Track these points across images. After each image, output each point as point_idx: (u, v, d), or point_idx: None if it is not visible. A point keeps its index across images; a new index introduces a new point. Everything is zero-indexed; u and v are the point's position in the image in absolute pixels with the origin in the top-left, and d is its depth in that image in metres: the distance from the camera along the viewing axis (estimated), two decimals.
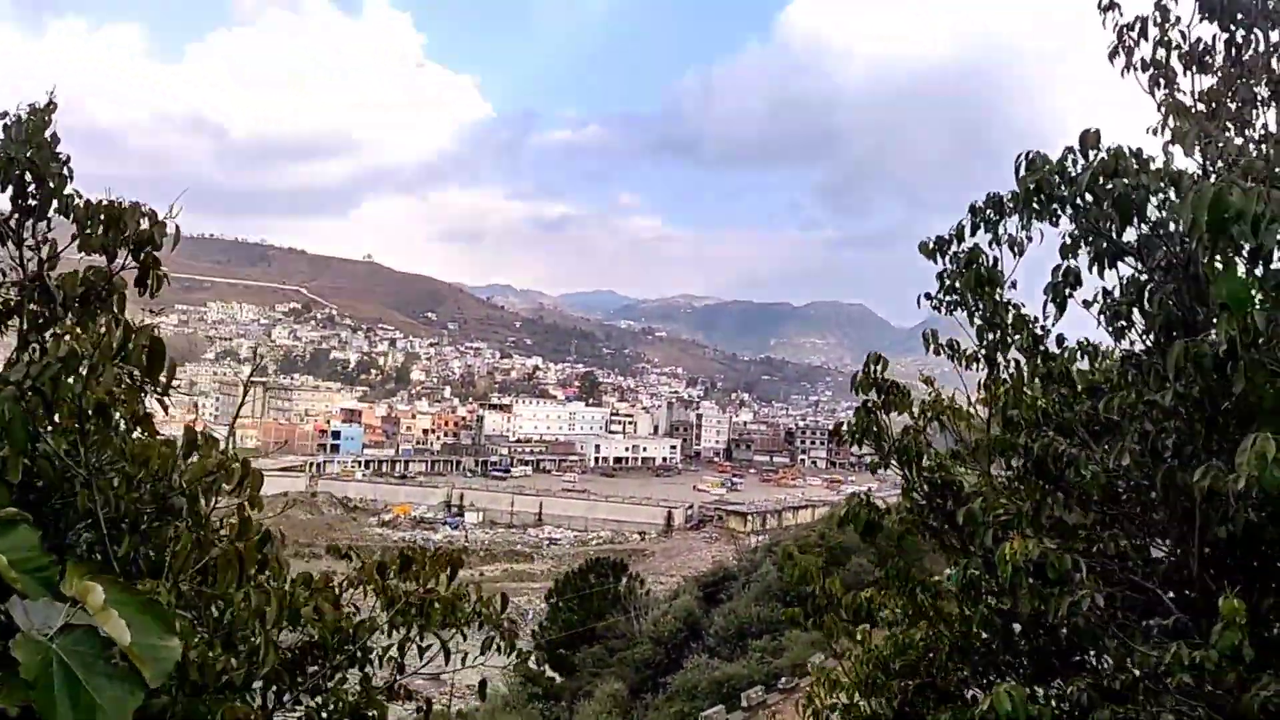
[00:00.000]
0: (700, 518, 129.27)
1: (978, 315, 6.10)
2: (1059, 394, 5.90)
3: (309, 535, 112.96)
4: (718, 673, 28.70)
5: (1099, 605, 4.84)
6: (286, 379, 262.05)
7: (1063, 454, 5.41)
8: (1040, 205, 5.62)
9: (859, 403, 6.46)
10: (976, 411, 6.71)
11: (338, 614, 4.79)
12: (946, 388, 7.17)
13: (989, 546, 5.19)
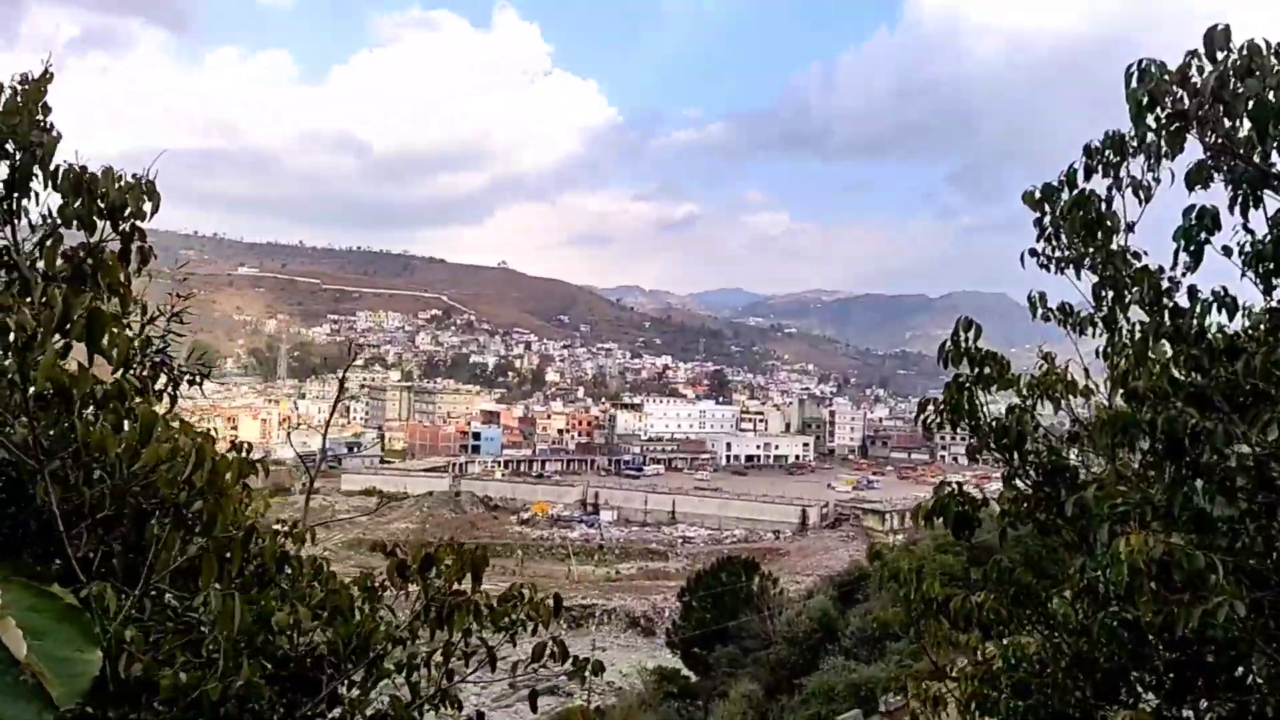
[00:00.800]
0: (836, 516, 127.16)
1: (1090, 268, 5.24)
2: (1190, 357, 4.83)
3: (454, 533, 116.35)
4: (854, 675, 28.13)
5: (1238, 614, 3.92)
6: (430, 383, 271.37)
7: (1197, 430, 4.47)
8: (1157, 126, 4.67)
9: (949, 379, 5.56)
10: (1096, 385, 5.71)
11: (354, 617, 4.32)
12: (1063, 359, 6.10)
13: (1105, 543, 4.36)
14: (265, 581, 4.12)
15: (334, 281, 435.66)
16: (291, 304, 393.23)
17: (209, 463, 3.39)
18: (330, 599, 4.21)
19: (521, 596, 4.64)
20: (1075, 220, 5.09)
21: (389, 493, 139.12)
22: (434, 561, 4.46)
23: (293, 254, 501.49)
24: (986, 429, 5.36)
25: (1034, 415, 5.46)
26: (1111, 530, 4.40)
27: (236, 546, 3.54)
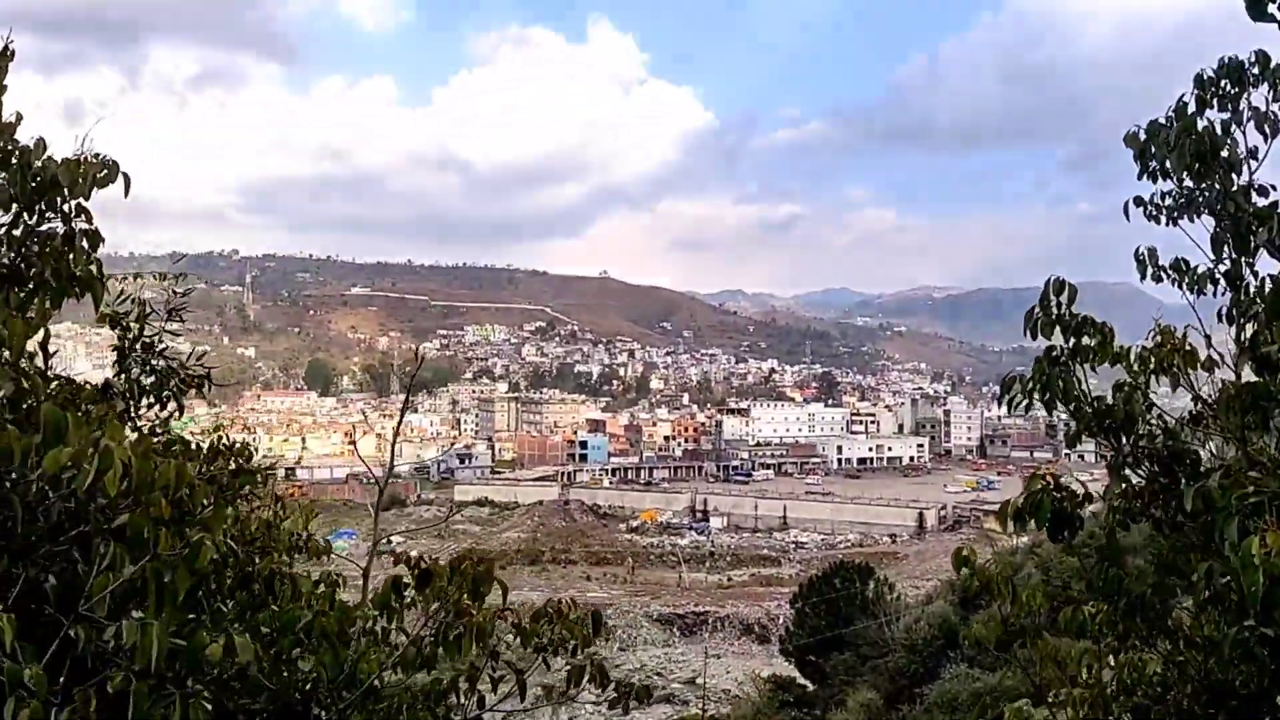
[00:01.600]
0: (955, 518, 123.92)
1: (1209, 211, 4.41)
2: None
3: (565, 542, 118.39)
4: (978, 684, 27.14)
5: None
6: (536, 394, 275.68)
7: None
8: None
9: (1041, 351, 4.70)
10: (1220, 355, 4.76)
11: (343, 643, 3.83)
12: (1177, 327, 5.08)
13: (1235, 542, 3.62)
14: (259, 604, 3.76)
15: (441, 298, 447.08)
16: (402, 321, 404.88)
17: (118, 467, 2.89)
18: (316, 623, 3.69)
19: (557, 613, 4.20)
20: (1184, 151, 4.30)
21: (500, 502, 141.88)
22: (433, 577, 3.96)
23: (401, 272, 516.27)
24: (1089, 410, 4.53)
25: (1146, 394, 4.65)
26: (1242, 527, 3.69)
27: (182, 568, 3.03)
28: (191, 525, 3.19)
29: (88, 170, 3.61)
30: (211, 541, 3.11)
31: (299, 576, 3.89)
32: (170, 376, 5.08)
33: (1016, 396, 4.70)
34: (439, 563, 3.99)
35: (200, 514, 3.23)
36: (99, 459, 2.86)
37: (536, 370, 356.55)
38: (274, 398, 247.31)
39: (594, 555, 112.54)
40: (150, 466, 3.00)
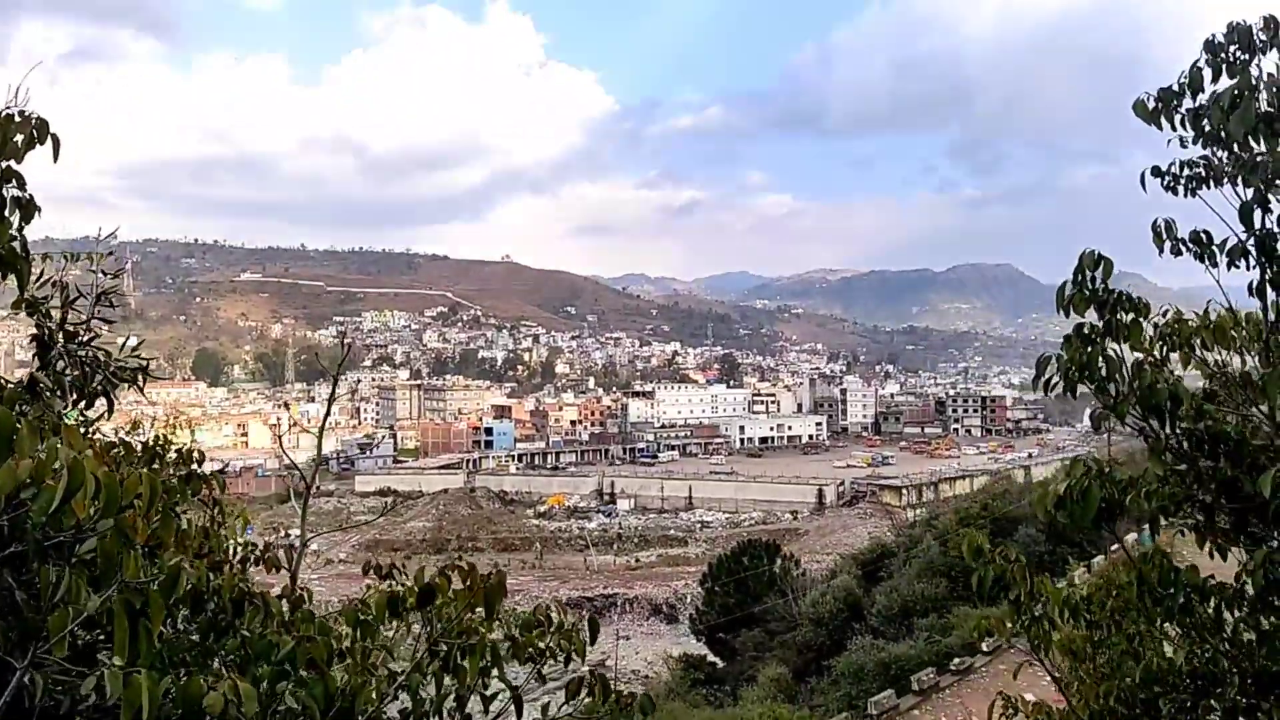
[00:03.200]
0: (853, 494, 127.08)
1: (1244, 181, 4.04)
2: None
3: (471, 529, 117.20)
4: (883, 654, 27.94)
5: None
6: (439, 380, 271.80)
7: None
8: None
9: (1070, 328, 4.37)
10: (1245, 331, 4.42)
11: (334, 671, 3.37)
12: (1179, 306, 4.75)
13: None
14: (222, 630, 3.28)
15: (338, 283, 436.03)
16: (296, 308, 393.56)
17: (90, 483, 2.46)
18: (303, 650, 3.22)
19: (549, 621, 3.82)
20: (1249, 114, 3.89)
21: (404, 491, 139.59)
22: (437, 592, 3.58)
23: (295, 258, 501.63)
24: (1128, 390, 4.15)
25: (1171, 371, 4.34)
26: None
27: (156, 598, 2.61)
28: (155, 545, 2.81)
29: (16, 129, 3.07)
30: (189, 565, 2.77)
31: (268, 595, 3.46)
32: (98, 370, 4.40)
33: (1053, 377, 4.32)
34: (440, 576, 3.64)
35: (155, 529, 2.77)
36: (69, 474, 2.42)
37: (439, 356, 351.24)
38: (159, 389, 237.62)
39: (501, 542, 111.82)
40: (115, 480, 2.55)
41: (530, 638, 3.74)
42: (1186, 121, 4.26)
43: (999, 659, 26.23)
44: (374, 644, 3.60)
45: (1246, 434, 4.04)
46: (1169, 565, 4.42)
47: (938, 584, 34.40)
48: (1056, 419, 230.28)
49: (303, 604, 3.56)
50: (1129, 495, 4.21)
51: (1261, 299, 4.24)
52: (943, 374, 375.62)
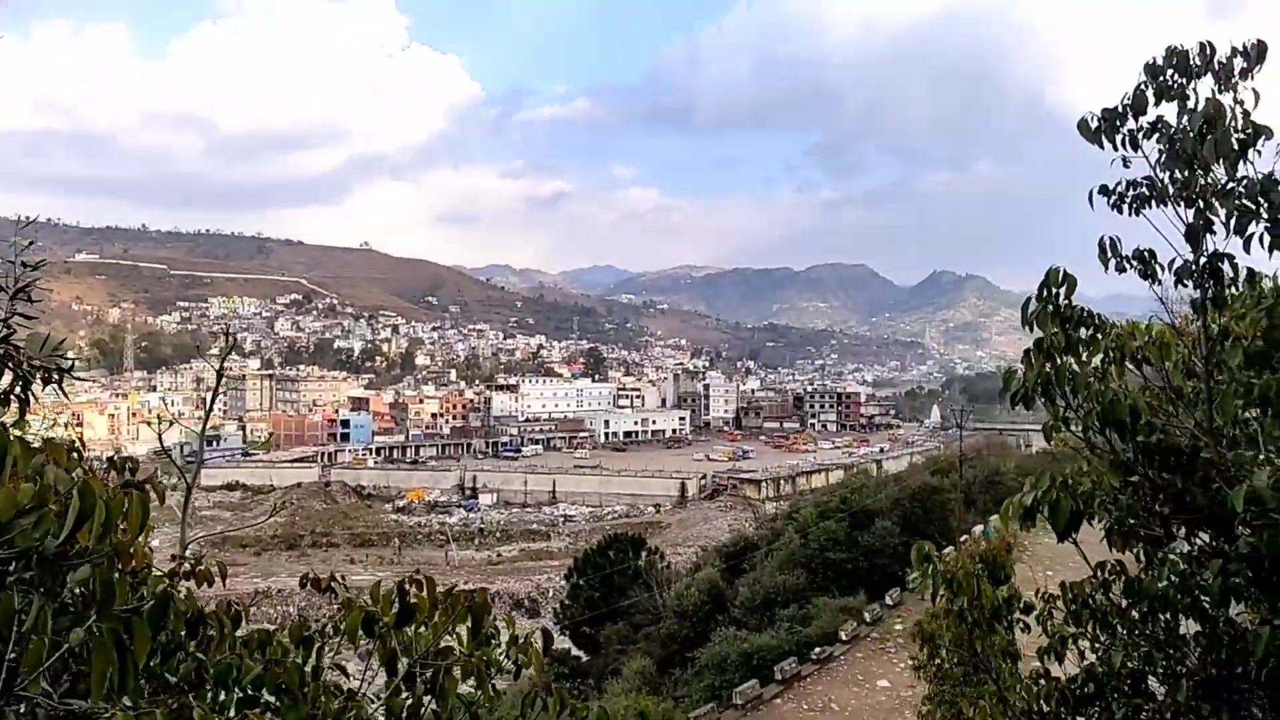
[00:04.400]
0: (714, 487, 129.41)
1: (1200, 202, 4.14)
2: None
3: (326, 525, 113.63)
4: (746, 645, 28.43)
5: None
6: (292, 370, 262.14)
7: None
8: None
9: (1030, 342, 4.46)
10: (1190, 346, 4.57)
11: (304, 699, 3.11)
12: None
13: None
14: (170, 651, 3.00)
15: (182, 267, 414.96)
16: (137, 291, 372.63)
17: (100, 509, 2.30)
18: (272, 675, 3.01)
19: (497, 633, 3.63)
20: (1224, 141, 4.00)
21: (253, 485, 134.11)
22: (414, 612, 3.37)
23: (136, 238, 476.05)
24: (1088, 404, 4.25)
25: (1123, 384, 4.45)
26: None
27: (141, 628, 2.44)
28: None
29: None
30: (185, 593, 2.57)
31: (221, 613, 3.19)
32: (7, 366, 3.92)
33: (1019, 391, 4.42)
34: (420, 592, 3.40)
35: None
36: (80, 499, 2.23)
37: (293, 346, 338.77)
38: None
39: (358, 537, 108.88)
40: (120, 503, 2.40)
41: (486, 651, 3.52)
42: (1127, 142, 4.39)
43: (857, 648, 27.11)
44: (324, 664, 3.37)
45: (1200, 448, 4.16)
46: (1130, 577, 4.49)
47: (798, 575, 35.27)
48: (907, 415, 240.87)
49: (241, 621, 3.26)
50: (1091, 506, 4.28)
51: (1203, 316, 4.37)
52: (801, 370, 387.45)
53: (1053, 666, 4.74)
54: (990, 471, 48.54)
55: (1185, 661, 4.31)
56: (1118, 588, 4.51)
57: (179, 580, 3.30)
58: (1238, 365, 4.04)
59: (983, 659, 5.03)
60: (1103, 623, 4.53)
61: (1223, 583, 3.86)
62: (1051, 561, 25.83)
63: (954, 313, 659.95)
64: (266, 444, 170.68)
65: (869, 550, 35.71)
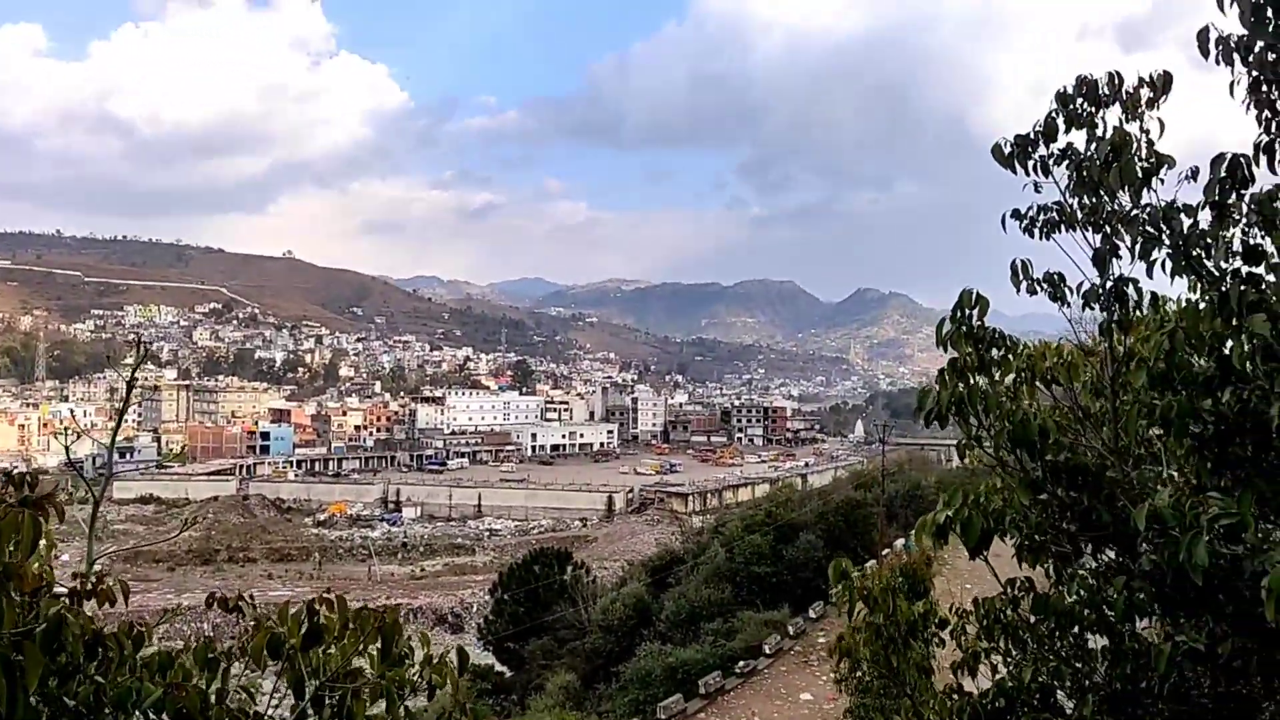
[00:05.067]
0: (641, 501, 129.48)
1: (1105, 227, 4.25)
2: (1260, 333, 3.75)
3: (243, 539, 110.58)
4: (671, 659, 28.43)
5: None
6: (211, 381, 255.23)
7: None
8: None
9: (945, 360, 4.55)
10: (1097, 366, 4.69)
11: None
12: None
13: (1204, 565, 3.39)
14: (68, 674, 2.86)
15: (98, 274, 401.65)
16: (49, 299, 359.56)
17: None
18: (172, 699, 2.91)
19: (410, 653, 3.52)
20: (1129, 169, 4.10)
21: (168, 499, 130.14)
22: (322, 633, 3.26)
23: (49, 244, 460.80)
24: (998, 423, 4.34)
25: (1034, 403, 4.57)
26: (1212, 550, 3.45)
27: (33, 652, 2.34)
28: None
29: None
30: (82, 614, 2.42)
31: (119, 634, 3.03)
32: None
33: (933, 410, 4.47)
34: (326, 613, 3.27)
35: None
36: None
37: (211, 356, 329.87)
38: None
39: (276, 552, 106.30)
40: (13, 521, 2.30)
41: (399, 672, 3.40)
42: (1039, 168, 4.48)
43: (781, 661, 27.32)
44: (229, 686, 3.21)
45: (1106, 467, 4.26)
46: (1039, 593, 4.58)
47: (724, 589, 35.43)
48: (831, 430, 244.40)
49: (144, 641, 3.10)
50: (1002, 523, 4.35)
51: (1109, 338, 4.48)
52: (729, 385, 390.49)
53: (966, 681, 4.83)
54: (912, 486, 49.44)
55: (1093, 676, 4.40)
56: (1026, 603, 4.62)
57: (80, 600, 3.15)
58: (1141, 386, 4.13)
59: (898, 673, 5.09)
60: (1014, 638, 4.63)
61: (1127, 599, 3.96)
62: (969, 575, 26.40)
63: (878, 329, 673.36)
64: (181, 456, 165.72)
65: (793, 564, 36.04)
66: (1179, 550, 3.45)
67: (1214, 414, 3.95)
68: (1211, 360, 3.94)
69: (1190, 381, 3.99)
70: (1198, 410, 3.94)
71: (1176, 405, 3.89)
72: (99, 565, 3.59)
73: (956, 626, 5.04)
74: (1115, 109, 4.30)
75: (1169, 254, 4.09)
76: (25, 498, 2.50)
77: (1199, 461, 4.04)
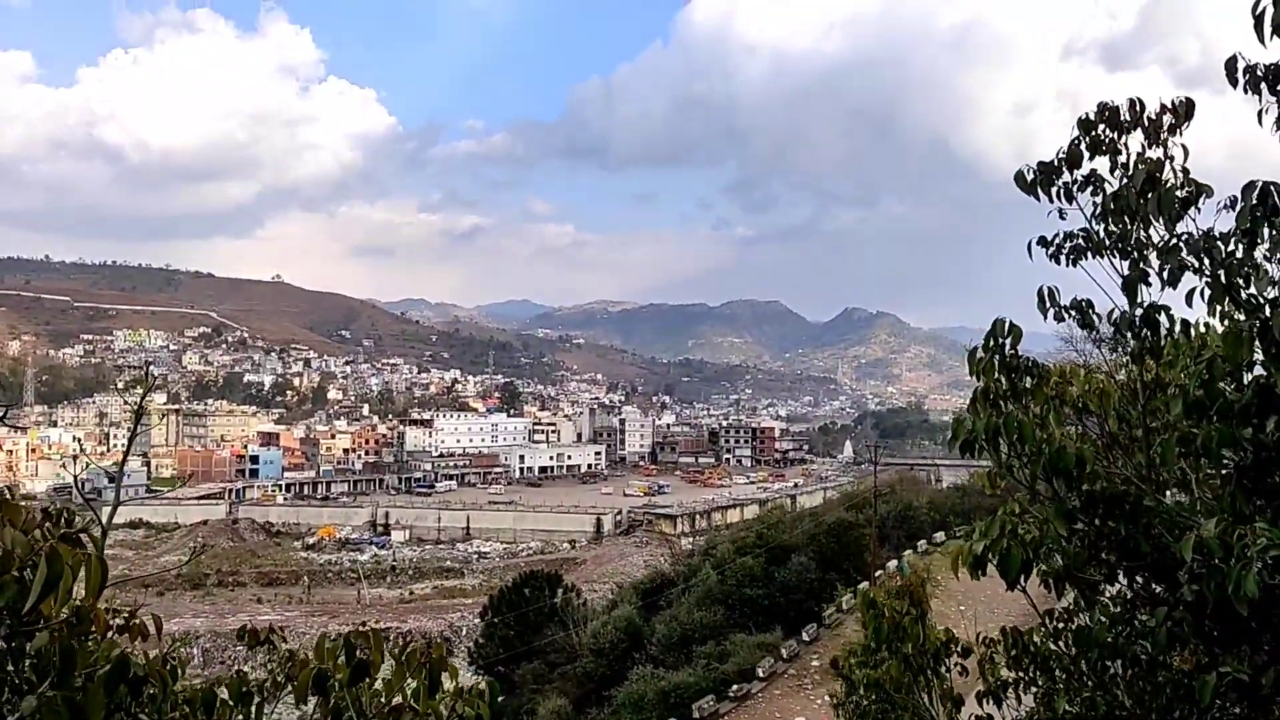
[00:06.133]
0: (630, 523, 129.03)
1: (1135, 255, 4.21)
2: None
3: (232, 563, 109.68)
4: (663, 683, 28.25)
5: None
6: (200, 405, 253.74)
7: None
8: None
9: (977, 389, 4.50)
10: (1126, 393, 4.62)
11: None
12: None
13: (1253, 595, 3.31)
14: (111, 711, 2.74)
15: (87, 298, 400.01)
16: (38, 324, 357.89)
17: (67, 575, 2.17)
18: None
19: (441, 684, 3.46)
20: (1167, 199, 4.07)
21: (157, 523, 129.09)
22: (369, 669, 3.23)
23: (38, 269, 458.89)
24: (1034, 452, 4.24)
25: (1064, 431, 4.48)
26: (1262, 581, 3.36)
27: (96, 695, 2.30)
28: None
29: None
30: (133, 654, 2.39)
31: (163, 670, 2.96)
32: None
33: (967, 440, 4.40)
34: (365, 646, 3.22)
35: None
36: (48, 565, 2.09)
37: (201, 380, 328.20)
38: None
39: (266, 575, 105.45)
40: (93, 564, 2.26)
41: (432, 704, 3.38)
42: (1063, 194, 4.44)
43: (775, 684, 27.18)
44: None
45: (1142, 495, 4.19)
46: (1082, 625, 4.50)
47: (716, 612, 35.26)
48: (820, 450, 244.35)
49: (176, 678, 3.05)
50: (1039, 554, 4.26)
51: (1139, 366, 4.44)
52: (716, 405, 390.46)
53: (992, 711, 4.78)
54: (903, 507, 49.46)
55: (1131, 709, 4.33)
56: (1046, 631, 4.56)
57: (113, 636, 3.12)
58: (1177, 415, 4.07)
59: (922, 704, 5.02)
60: (1043, 667, 4.57)
61: (1169, 629, 3.90)
62: (964, 597, 26.37)
63: (865, 349, 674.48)
64: (172, 480, 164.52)
65: (786, 586, 35.93)
66: (1226, 581, 3.39)
67: (1253, 443, 3.87)
68: (1251, 389, 3.87)
69: (1228, 410, 3.90)
70: (1237, 439, 3.85)
71: (1217, 434, 3.82)
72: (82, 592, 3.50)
73: (984, 656, 4.97)
74: (1137, 134, 4.27)
75: (1208, 282, 4.02)
76: (65, 534, 2.46)
77: (1237, 491, 3.96)
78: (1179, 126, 4.21)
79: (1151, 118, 4.25)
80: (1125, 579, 4.36)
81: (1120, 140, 4.31)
